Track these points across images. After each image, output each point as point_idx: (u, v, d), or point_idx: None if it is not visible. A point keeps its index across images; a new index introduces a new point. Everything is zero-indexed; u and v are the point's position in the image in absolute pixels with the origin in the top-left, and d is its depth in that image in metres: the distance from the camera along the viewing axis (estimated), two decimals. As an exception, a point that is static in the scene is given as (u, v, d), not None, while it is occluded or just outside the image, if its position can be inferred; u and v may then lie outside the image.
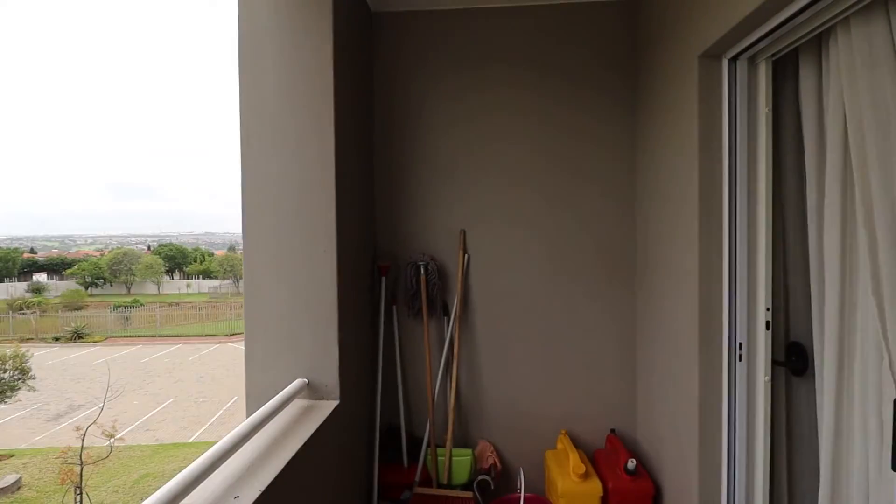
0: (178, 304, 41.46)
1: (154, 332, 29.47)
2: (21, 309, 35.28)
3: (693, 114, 1.88)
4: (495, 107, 2.57)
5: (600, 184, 2.55)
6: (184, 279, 57.56)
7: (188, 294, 51.85)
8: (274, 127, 1.91)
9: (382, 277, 2.51)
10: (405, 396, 2.58)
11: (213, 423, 14.63)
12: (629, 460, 2.19)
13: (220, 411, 15.63)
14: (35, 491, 10.04)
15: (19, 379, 12.31)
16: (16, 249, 66.85)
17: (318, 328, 1.93)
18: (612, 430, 2.49)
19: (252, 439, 1.48)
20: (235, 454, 1.37)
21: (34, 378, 12.79)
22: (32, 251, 78.23)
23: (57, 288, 49.25)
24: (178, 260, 60.49)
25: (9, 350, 12.65)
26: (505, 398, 2.59)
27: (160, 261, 54.67)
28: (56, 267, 58.57)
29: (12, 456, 11.98)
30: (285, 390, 1.74)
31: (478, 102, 2.57)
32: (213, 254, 68.21)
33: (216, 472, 1.24)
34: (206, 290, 53.55)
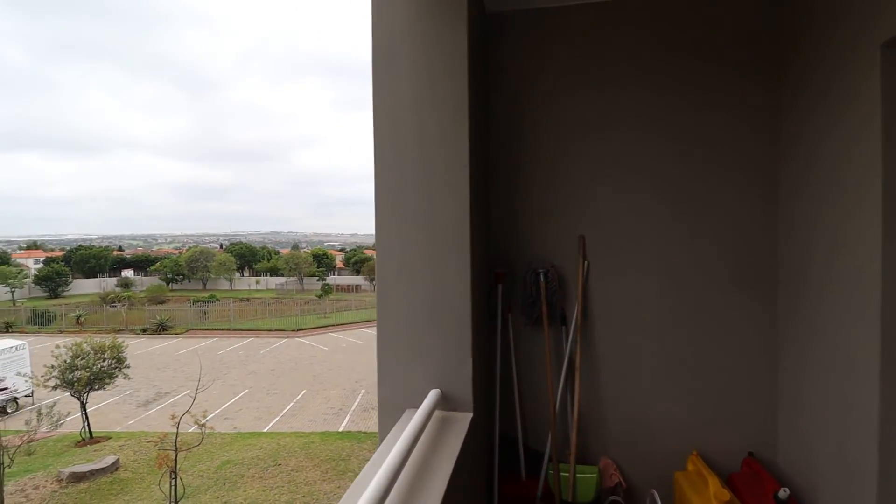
0: (248, 299, 43.88)
1: (228, 325, 31.28)
2: (112, 302, 38.67)
3: (874, 106, 1.67)
4: (617, 106, 2.42)
5: (735, 187, 2.34)
6: (253, 276, 60.83)
7: (257, 290, 54.76)
8: (408, 133, 1.88)
9: (499, 285, 2.44)
10: (521, 407, 2.50)
11: (284, 415, 15.30)
12: (781, 489, 1.99)
13: (291, 404, 16.31)
14: (131, 472, 10.90)
15: (116, 367, 13.39)
16: (107, 248, 73.40)
17: (450, 338, 1.88)
18: (751, 454, 2.29)
19: (412, 455, 1.44)
20: (403, 470, 1.33)
21: (128, 367, 13.86)
22: (121, 249, 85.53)
23: (142, 283, 53.57)
24: (247, 258, 64.01)
25: (107, 341, 13.80)
26: (628, 414, 2.44)
27: (232, 258, 58.09)
28: (141, 264, 63.66)
29: (109, 438, 13.09)
30: (426, 403, 1.70)
31: (599, 101, 2.44)
32: (279, 252, 71.60)
33: (392, 492, 1.21)
34: (274, 287, 56.32)
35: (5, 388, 15.96)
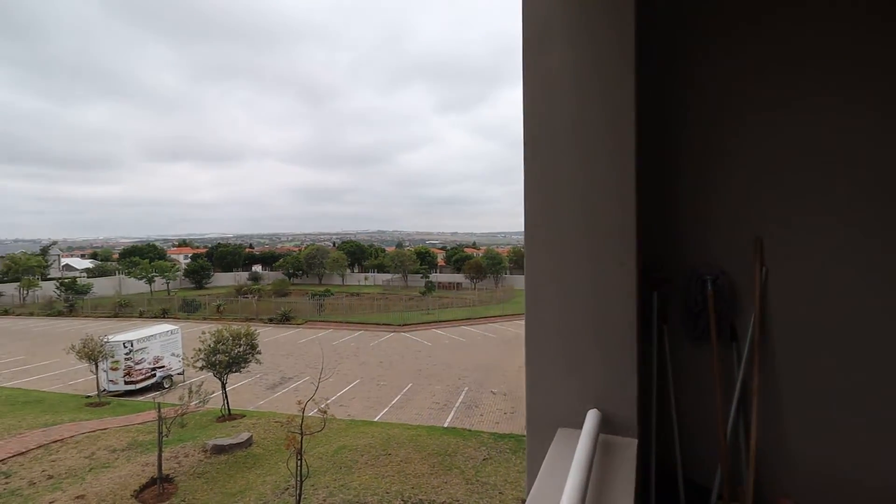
0: (358, 294, 46.68)
1: (341, 318, 33.50)
2: (245, 293, 43.41)
3: None
4: (806, 75, 1.99)
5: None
6: (361, 272, 64.66)
7: (366, 286, 58.11)
8: (563, 126, 1.70)
9: (653, 293, 2.15)
10: (681, 433, 2.18)
11: (392, 406, 15.93)
12: None
13: (398, 396, 16.94)
14: (262, 448, 12.04)
15: (250, 353, 14.89)
16: (240, 245, 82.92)
17: (610, 352, 1.66)
18: None
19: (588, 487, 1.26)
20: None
21: (259, 353, 15.35)
22: (251, 246, 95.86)
23: (268, 277, 59.55)
24: (357, 255, 68.20)
25: (242, 329, 15.40)
26: (817, 452, 2.01)
27: (344, 256, 62.35)
28: (268, 260, 70.88)
29: (244, 416, 14.61)
30: (589, 426, 1.50)
31: (781, 73, 2.02)
32: (384, 250, 75.27)
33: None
34: (381, 283, 59.34)
35: (163, 367, 18.62)
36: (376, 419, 14.77)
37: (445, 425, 14.05)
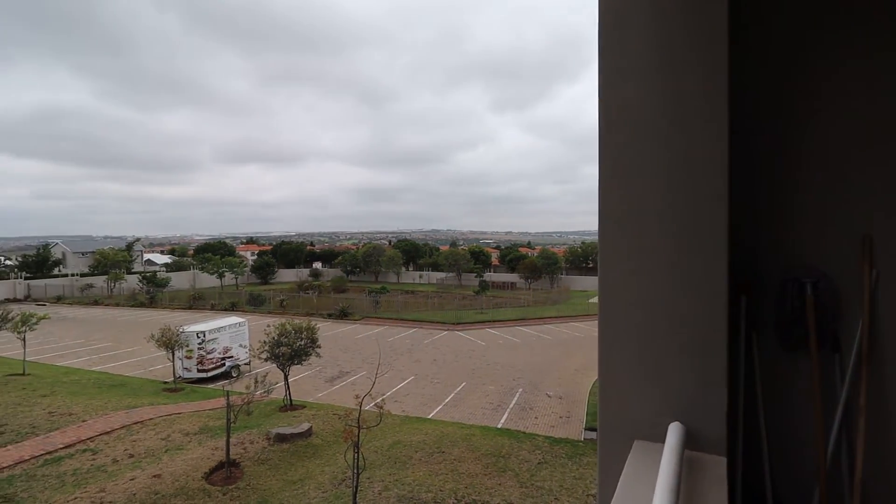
0: (412, 292, 47.36)
1: (396, 315, 34.07)
2: (306, 289, 45.23)
3: None
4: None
5: None
6: (416, 270, 65.56)
7: (420, 284, 58.86)
8: (644, 112, 1.56)
9: (741, 296, 1.96)
10: (770, 452, 1.97)
11: (446, 404, 15.98)
12: None
13: (452, 394, 16.98)
14: (320, 439, 12.44)
15: (310, 346, 15.45)
16: (302, 243, 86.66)
17: (695, 360, 1.52)
18: None
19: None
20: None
21: (319, 346, 15.89)
22: (312, 244, 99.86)
23: (328, 274, 61.76)
24: (411, 254, 69.22)
25: (304, 323, 16.01)
26: (941, 483, 1.75)
27: (399, 254, 63.52)
28: (327, 257, 73.50)
29: (304, 407, 15.18)
30: (673, 441, 1.37)
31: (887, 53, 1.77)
32: (438, 249, 75.87)
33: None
34: (434, 282, 59.88)
35: (231, 357, 19.72)
36: (430, 416, 14.88)
37: (499, 426, 13.92)
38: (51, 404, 14.56)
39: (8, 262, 51.45)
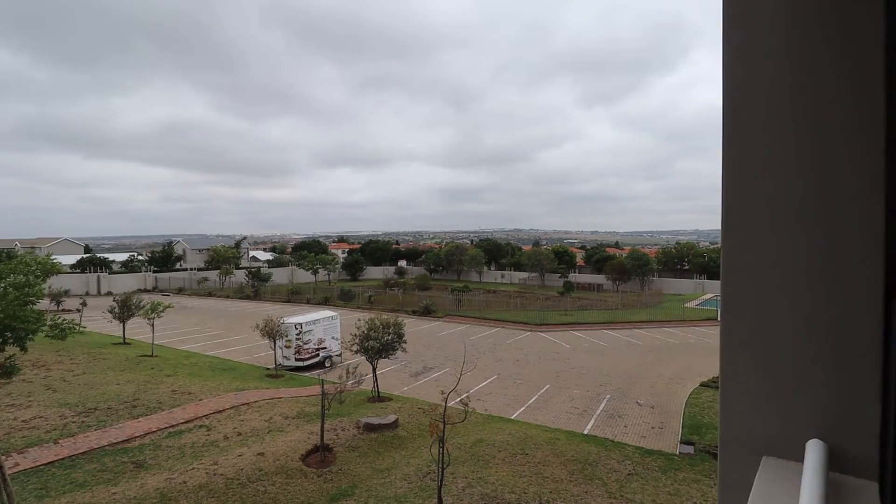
0: (494, 291, 47.26)
1: (478, 314, 34.18)
2: (391, 286, 46.95)
3: None
4: None
5: None
6: (498, 270, 65.38)
7: (502, 283, 58.63)
8: (776, 93, 1.41)
9: (893, 300, 1.71)
10: (931, 483, 1.71)
11: (529, 406, 15.73)
12: None
13: (535, 396, 16.67)
14: (406, 431, 12.83)
15: (397, 341, 16.00)
16: (388, 242, 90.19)
17: (841, 368, 1.33)
18: None
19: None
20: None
21: (405, 342, 16.40)
22: (397, 243, 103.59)
23: (412, 272, 63.61)
24: (493, 253, 69.13)
25: (391, 318, 16.61)
26: None
27: (481, 253, 63.76)
28: (411, 255, 75.72)
29: (391, 399, 15.74)
30: (814, 461, 1.22)
31: None
32: (521, 248, 75.01)
33: None
34: (517, 281, 59.34)
35: (325, 348, 21.00)
36: (513, 417, 14.75)
37: (585, 432, 13.44)
38: (173, 383, 16.51)
39: (140, 258, 59.08)
